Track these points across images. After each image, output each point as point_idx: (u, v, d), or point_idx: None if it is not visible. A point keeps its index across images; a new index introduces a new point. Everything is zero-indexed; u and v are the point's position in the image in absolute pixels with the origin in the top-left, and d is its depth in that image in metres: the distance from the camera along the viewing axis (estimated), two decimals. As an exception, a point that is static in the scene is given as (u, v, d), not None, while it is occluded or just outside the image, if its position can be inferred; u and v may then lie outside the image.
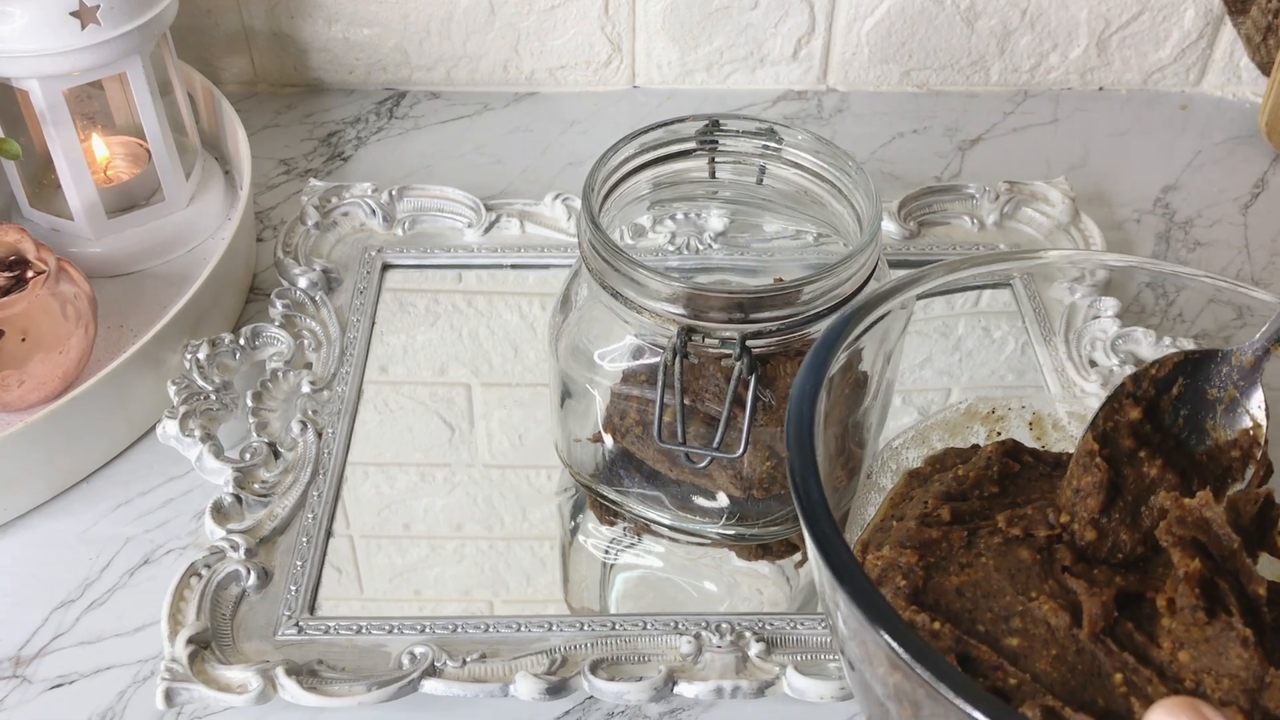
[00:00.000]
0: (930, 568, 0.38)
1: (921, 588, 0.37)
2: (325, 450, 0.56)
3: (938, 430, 0.47)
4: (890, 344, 0.48)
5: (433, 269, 0.67)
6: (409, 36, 0.81)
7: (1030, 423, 0.48)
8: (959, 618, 0.37)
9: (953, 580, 0.38)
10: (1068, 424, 0.48)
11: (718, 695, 0.47)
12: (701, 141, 0.52)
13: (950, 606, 0.37)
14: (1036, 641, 0.36)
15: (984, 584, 0.38)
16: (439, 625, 0.49)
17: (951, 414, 0.48)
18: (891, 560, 0.38)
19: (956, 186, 0.71)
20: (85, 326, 0.58)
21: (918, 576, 0.38)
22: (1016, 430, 0.48)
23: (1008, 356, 0.62)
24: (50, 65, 0.59)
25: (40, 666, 0.49)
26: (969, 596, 0.37)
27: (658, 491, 0.52)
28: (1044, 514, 0.39)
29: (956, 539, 0.39)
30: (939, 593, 0.37)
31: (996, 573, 0.38)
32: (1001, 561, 0.38)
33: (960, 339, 0.62)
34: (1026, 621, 0.36)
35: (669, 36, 0.81)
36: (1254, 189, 0.75)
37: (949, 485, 0.41)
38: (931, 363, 0.61)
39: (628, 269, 0.45)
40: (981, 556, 0.38)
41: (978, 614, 0.37)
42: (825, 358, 0.39)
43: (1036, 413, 0.48)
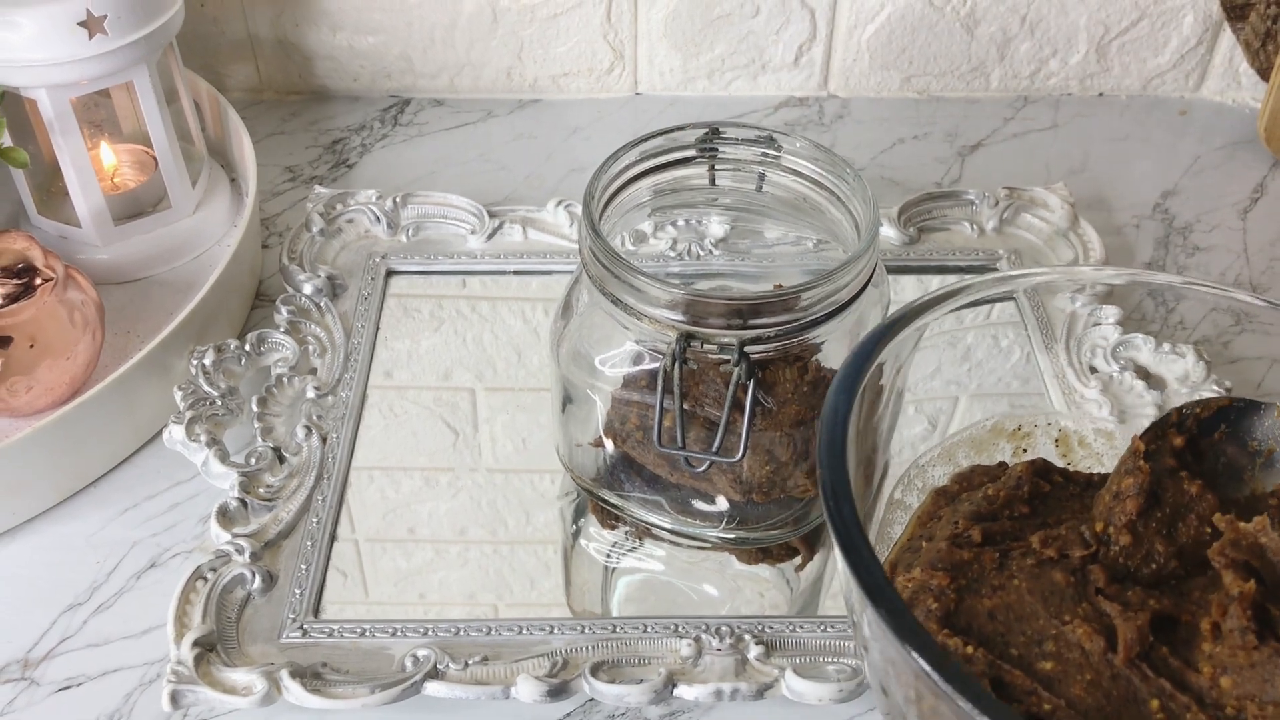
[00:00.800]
0: (962, 590, 0.38)
1: (954, 610, 0.37)
2: (330, 455, 0.57)
3: (963, 447, 0.47)
4: (903, 357, 0.49)
5: (436, 275, 0.68)
6: (413, 44, 0.82)
7: (1057, 440, 0.48)
8: (992, 641, 0.36)
9: (985, 603, 0.37)
10: (1094, 441, 0.48)
11: (717, 698, 0.47)
12: (701, 149, 0.53)
13: (983, 630, 0.37)
14: (1071, 666, 0.35)
15: (1017, 607, 0.37)
16: (441, 628, 0.50)
17: (978, 431, 0.47)
18: (922, 582, 0.38)
19: (956, 192, 0.71)
20: (93, 333, 0.59)
21: (949, 599, 0.37)
22: (1043, 447, 0.48)
23: (1013, 365, 0.62)
24: (58, 75, 0.60)
25: (48, 669, 0.50)
26: (1001, 620, 0.37)
27: (658, 496, 0.52)
28: (1079, 534, 0.39)
29: (988, 560, 0.39)
30: (971, 615, 0.37)
31: (1029, 595, 0.37)
32: (1034, 584, 0.38)
33: (970, 348, 0.62)
34: (1060, 645, 0.36)
35: (671, 44, 0.82)
36: (1253, 194, 0.76)
37: (979, 505, 0.41)
38: (941, 372, 0.61)
39: (628, 276, 0.46)
40: (1014, 579, 0.38)
41: (1011, 637, 0.36)
42: (857, 376, 0.39)
43: (1063, 429, 0.48)
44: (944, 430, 0.57)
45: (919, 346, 0.50)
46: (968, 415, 0.57)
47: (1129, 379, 0.59)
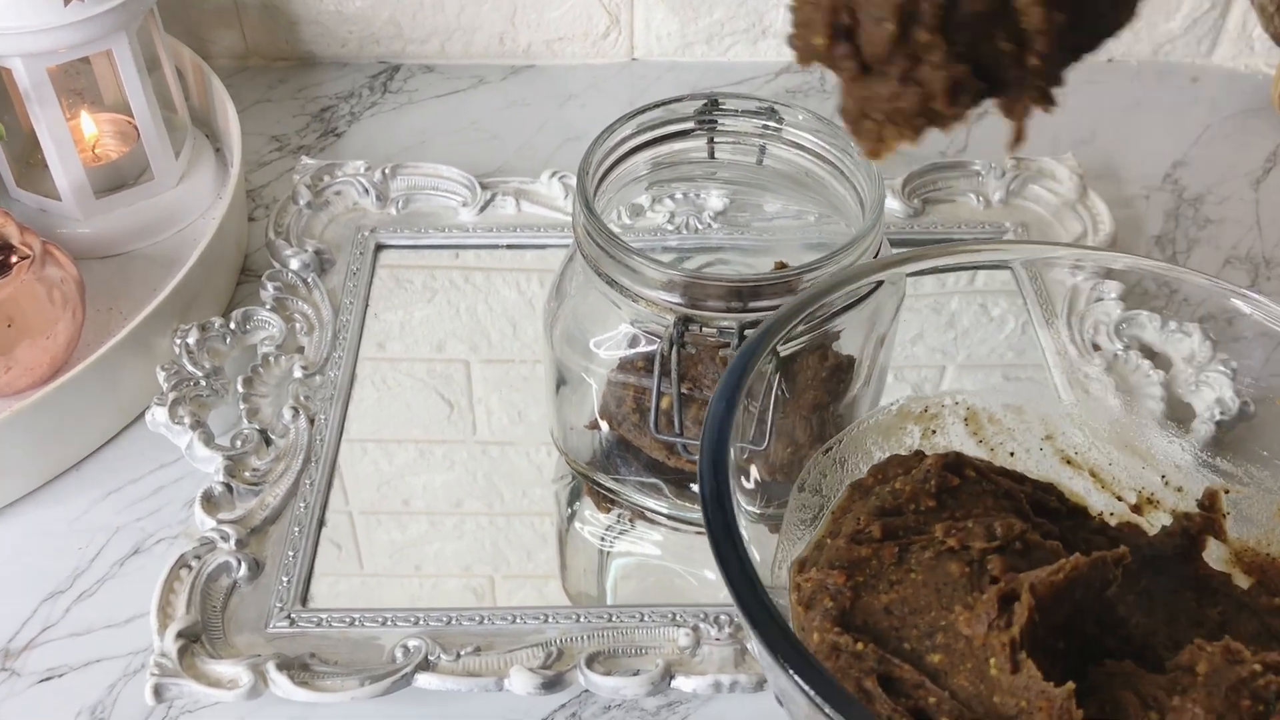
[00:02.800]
0: (859, 587, 0.38)
1: (849, 609, 0.37)
2: (318, 437, 0.55)
3: (872, 434, 0.46)
4: (883, 327, 0.47)
5: (427, 249, 0.66)
6: (402, 8, 0.80)
7: (965, 419, 0.47)
8: (885, 637, 0.36)
9: (882, 599, 0.37)
10: (1004, 417, 0.47)
11: (716, 689, 0.46)
12: (700, 121, 0.51)
13: (878, 626, 0.37)
14: (955, 656, 0.35)
15: (912, 600, 0.37)
16: (433, 617, 0.49)
17: (884, 416, 0.46)
18: (819, 582, 0.38)
19: (962, 163, 0.69)
20: (73, 311, 0.57)
21: (845, 598, 0.37)
22: (952, 428, 0.46)
23: (1008, 335, 0.60)
24: (33, 43, 0.58)
25: (29, 659, 0.49)
26: (897, 614, 0.37)
27: (655, 479, 0.51)
28: (985, 526, 0.38)
29: (887, 555, 0.38)
30: (867, 613, 0.37)
31: (924, 588, 0.37)
32: (930, 576, 0.37)
33: (954, 315, 0.60)
34: (949, 637, 0.36)
35: (669, 7, 0.80)
36: (1266, 164, 0.74)
37: (884, 499, 0.40)
38: (924, 339, 0.59)
39: (624, 256, 0.44)
40: (912, 572, 0.38)
41: (904, 631, 0.36)
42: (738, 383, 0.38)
43: (971, 408, 0.47)
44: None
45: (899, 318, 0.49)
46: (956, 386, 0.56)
47: (1134, 357, 0.57)
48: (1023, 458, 0.46)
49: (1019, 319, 0.60)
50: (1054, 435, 0.47)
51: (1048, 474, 0.46)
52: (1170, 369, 0.57)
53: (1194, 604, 0.40)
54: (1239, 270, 0.66)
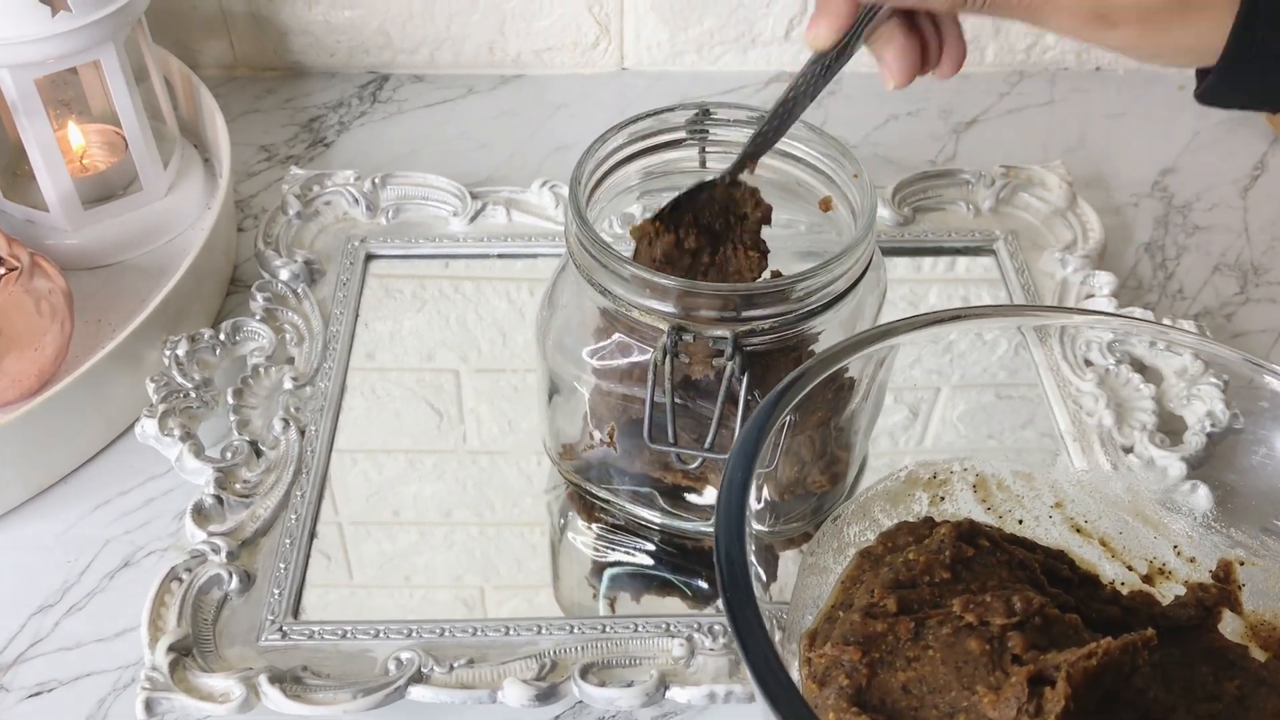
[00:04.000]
0: (875, 664, 0.37)
1: (865, 687, 0.36)
2: (308, 448, 0.55)
3: (879, 501, 0.45)
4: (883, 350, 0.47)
5: (418, 259, 0.66)
6: (391, 18, 0.79)
7: (974, 485, 0.46)
8: (903, 717, 0.35)
9: (899, 676, 0.36)
10: (1012, 484, 0.46)
11: (710, 700, 0.46)
12: (692, 131, 0.51)
13: (896, 705, 0.36)
14: None
15: (930, 679, 0.36)
16: (426, 629, 0.48)
17: (892, 483, 0.46)
18: (834, 659, 0.37)
19: (952, 171, 0.70)
20: (61, 322, 0.57)
21: (861, 675, 0.36)
22: (960, 494, 0.46)
23: (1000, 356, 0.60)
24: (20, 54, 0.57)
25: (18, 674, 0.48)
26: (915, 693, 0.36)
27: (648, 489, 0.51)
28: (1005, 602, 0.37)
29: (903, 631, 0.38)
30: (885, 691, 0.36)
31: (943, 665, 0.36)
32: (949, 653, 0.37)
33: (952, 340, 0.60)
34: (971, 718, 0.35)
35: (658, 17, 0.80)
36: (1254, 171, 0.74)
37: (898, 571, 0.40)
38: (921, 363, 0.59)
39: (616, 266, 0.44)
40: (929, 649, 0.37)
41: (923, 712, 0.36)
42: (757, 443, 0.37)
43: (980, 474, 0.46)
44: (924, 420, 0.56)
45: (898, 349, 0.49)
46: (950, 406, 0.56)
47: (1125, 372, 0.57)
48: (1031, 525, 0.46)
49: (1011, 340, 0.60)
50: (1063, 503, 0.46)
51: (1057, 542, 0.45)
52: (1161, 383, 0.57)
53: (1211, 678, 0.40)
54: (1228, 277, 0.67)
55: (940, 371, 0.59)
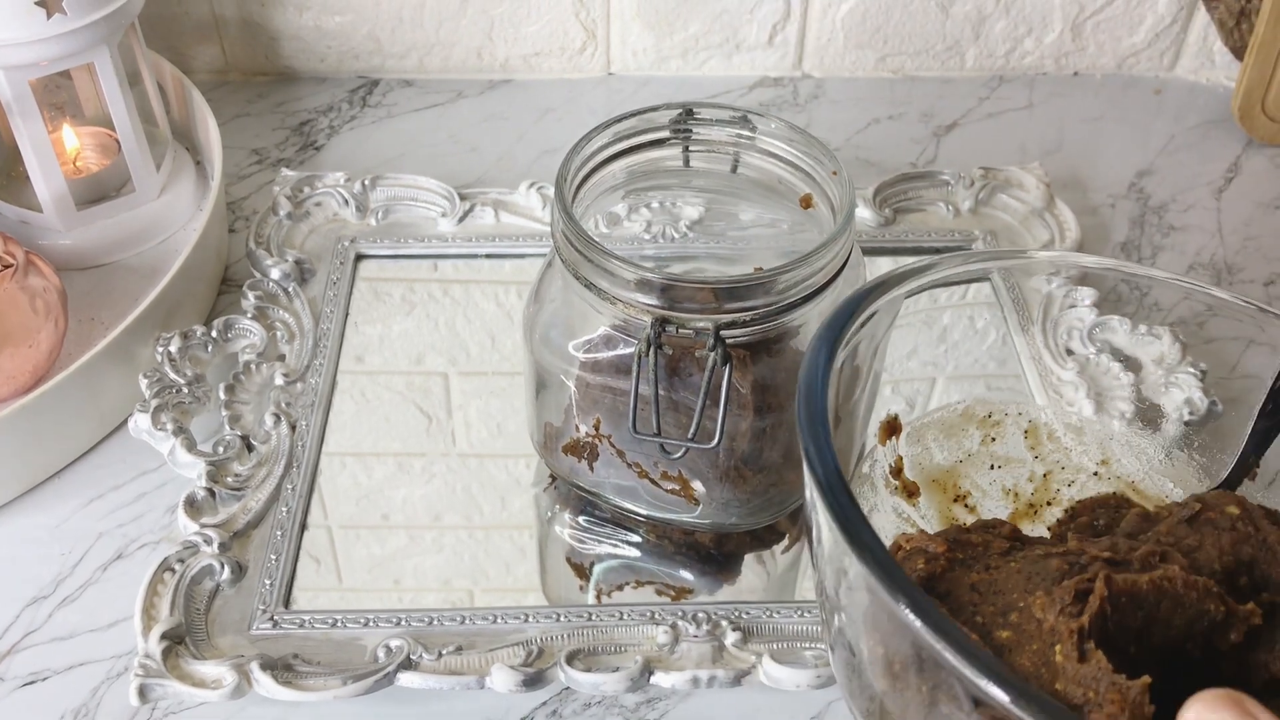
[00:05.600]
0: (955, 562, 0.37)
1: (938, 575, 0.37)
2: (299, 443, 0.56)
3: (932, 430, 0.46)
4: (878, 338, 0.48)
5: (407, 259, 0.67)
6: (381, 24, 0.81)
7: (1026, 431, 0.47)
8: (961, 608, 0.36)
9: (972, 576, 0.37)
10: (1063, 436, 0.47)
11: (694, 685, 0.47)
12: (675, 130, 0.52)
13: (959, 598, 0.36)
14: (1024, 636, 0.35)
15: (1001, 583, 0.37)
16: (415, 618, 0.49)
17: (948, 414, 0.47)
18: (921, 545, 0.38)
19: (932, 173, 0.71)
20: (55, 320, 0.57)
21: (938, 565, 0.37)
22: (1012, 438, 0.47)
23: (989, 346, 0.62)
24: (14, 56, 0.58)
25: (12, 664, 0.49)
26: (981, 592, 0.36)
27: (634, 483, 0.52)
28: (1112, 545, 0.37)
29: (996, 547, 0.38)
30: (953, 584, 0.37)
31: (1018, 574, 0.37)
32: (1028, 567, 0.37)
33: (946, 329, 0.62)
34: (1023, 617, 0.35)
35: (644, 23, 0.81)
36: (1227, 173, 0.76)
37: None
38: (918, 353, 0.61)
39: (601, 259, 0.45)
40: (1012, 563, 0.37)
41: (982, 607, 0.36)
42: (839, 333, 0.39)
43: (1033, 421, 0.47)
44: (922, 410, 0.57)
45: (895, 325, 0.50)
46: (944, 397, 0.57)
47: (1105, 360, 0.58)
48: (1082, 482, 0.46)
49: (999, 330, 0.62)
50: (1109, 460, 0.47)
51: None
52: (1140, 371, 0.58)
53: None
54: (1202, 276, 0.68)
55: (935, 362, 0.61)
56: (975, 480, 0.46)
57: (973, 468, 0.46)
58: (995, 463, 0.46)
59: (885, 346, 0.50)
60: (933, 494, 0.45)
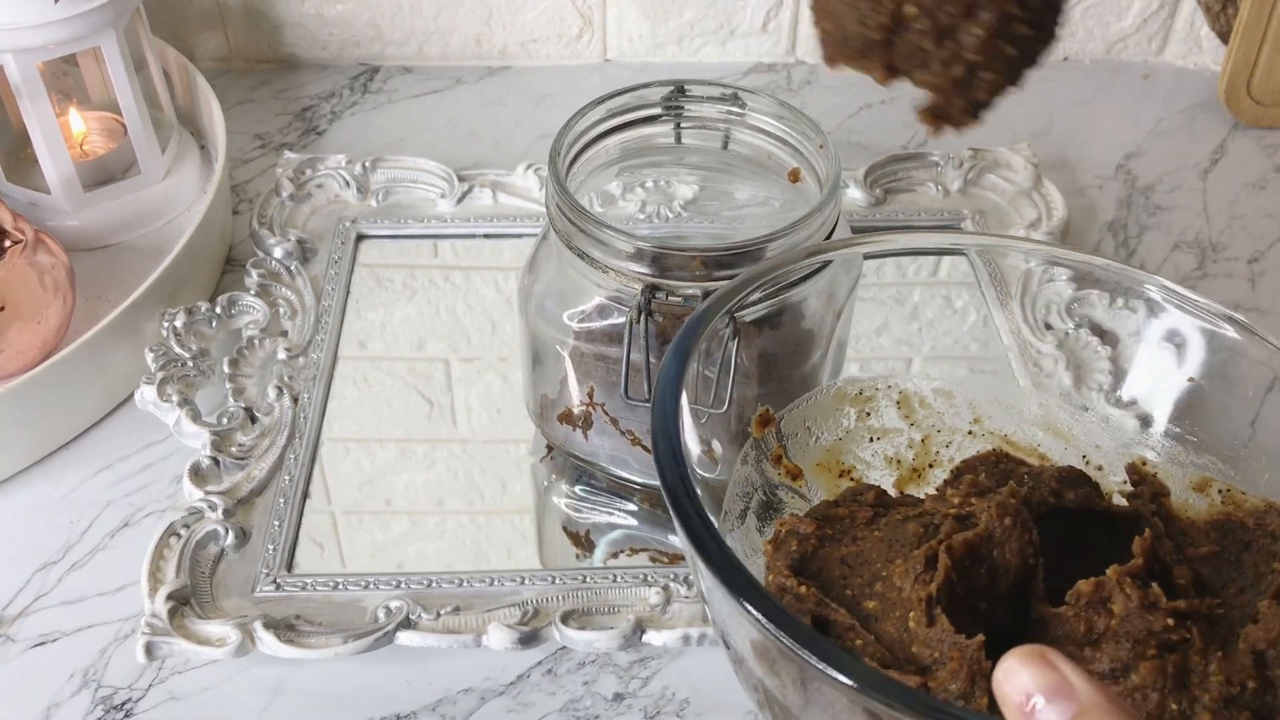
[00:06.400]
0: (825, 538, 0.40)
1: (810, 554, 0.39)
2: (301, 415, 0.57)
3: (810, 414, 0.47)
4: (839, 302, 0.49)
5: (407, 239, 0.68)
6: (381, 12, 0.82)
7: (898, 402, 0.48)
8: (831, 584, 0.38)
9: (841, 550, 0.39)
10: (934, 401, 0.48)
11: (685, 643, 0.48)
12: (667, 107, 0.53)
13: (830, 574, 0.39)
14: (887, 604, 0.37)
15: (867, 554, 0.39)
16: (414, 580, 0.50)
17: (823, 397, 0.48)
18: (793, 527, 0.40)
19: (921, 154, 0.72)
20: (63, 296, 0.59)
21: (809, 545, 0.39)
22: (885, 410, 0.48)
23: (970, 326, 0.63)
24: (24, 39, 0.60)
25: (23, 626, 0.50)
26: (850, 565, 0.39)
27: (626, 453, 0.53)
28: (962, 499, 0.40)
29: (862, 516, 0.41)
30: (824, 561, 0.39)
31: (880, 543, 0.39)
32: (890, 534, 0.40)
33: (917, 307, 0.63)
34: (886, 586, 0.38)
35: (640, 10, 0.82)
36: (1213, 155, 0.77)
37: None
38: (889, 329, 0.61)
39: (593, 229, 0.46)
40: (876, 532, 0.40)
41: (851, 580, 0.38)
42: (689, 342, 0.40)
43: (903, 391, 0.48)
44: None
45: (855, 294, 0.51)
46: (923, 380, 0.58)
47: (1084, 335, 0.59)
48: (958, 443, 0.48)
49: (979, 311, 0.63)
50: (981, 419, 0.48)
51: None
52: (1118, 345, 0.59)
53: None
54: (1187, 254, 0.69)
55: (910, 342, 0.62)
56: (858, 454, 0.47)
57: (853, 443, 0.48)
58: (873, 435, 0.48)
59: (849, 312, 0.51)
60: (818, 474, 0.47)
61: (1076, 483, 0.43)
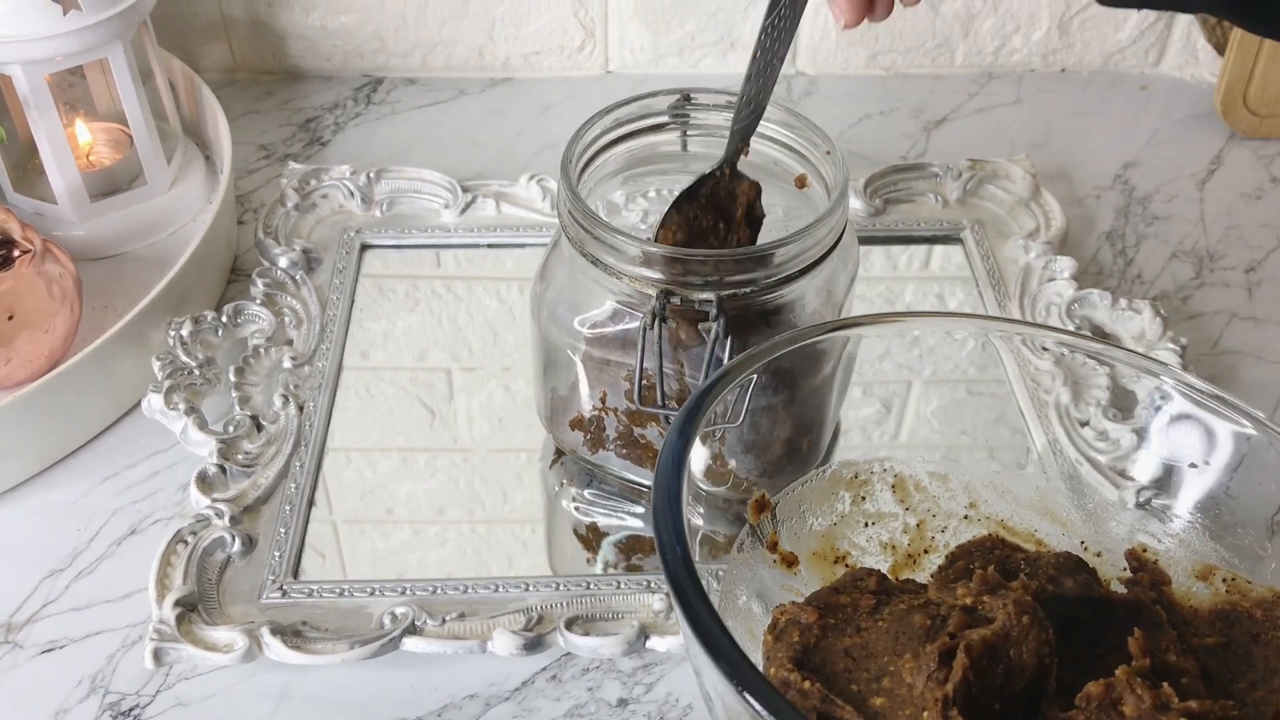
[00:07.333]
0: (828, 628, 0.39)
1: (812, 645, 0.38)
2: (307, 423, 0.58)
3: (806, 498, 0.47)
4: (838, 298, 0.50)
5: (410, 249, 0.69)
6: (385, 23, 0.83)
7: (894, 485, 0.48)
8: (835, 678, 0.37)
9: (845, 641, 0.38)
10: (929, 484, 0.48)
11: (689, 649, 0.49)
12: (674, 115, 0.54)
13: (834, 667, 0.38)
14: (896, 701, 0.36)
15: (872, 646, 0.38)
16: (419, 587, 0.51)
17: (817, 481, 0.47)
18: (794, 616, 0.39)
19: (921, 165, 0.73)
20: (71, 305, 0.59)
21: (811, 635, 0.38)
22: (880, 494, 0.47)
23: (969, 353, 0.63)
24: (33, 50, 0.60)
25: (31, 632, 0.50)
26: (855, 658, 0.38)
27: (639, 453, 0.53)
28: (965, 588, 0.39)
29: (864, 605, 0.40)
30: (827, 653, 0.38)
31: (886, 635, 0.38)
32: (895, 625, 0.39)
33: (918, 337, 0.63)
34: (894, 682, 0.37)
35: (641, 21, 0.83)
36: (1210, 166, 0.78)
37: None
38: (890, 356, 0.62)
39: (606, 235, 0.47)
40: (880, 622, 0.39)
41: (856, 674, 0.37)
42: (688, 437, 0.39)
43: (899, 475, 0.48)
44: (898, 416, 0.58)
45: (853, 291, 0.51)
46: (923, 402, 0.58)
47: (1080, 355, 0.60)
48: (954, 527, 0.47)
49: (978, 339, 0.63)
50: (977, 503, 0.48)
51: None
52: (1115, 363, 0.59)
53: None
54: (1185, 264, 0.70)
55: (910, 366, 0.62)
56: (852, 540, 0.47)
57: (848, 528, 0.47)
58: (869, 520, 0.47)
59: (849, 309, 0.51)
60: (813, 562, 0.46)
61: (1075, 569, 0.42)
